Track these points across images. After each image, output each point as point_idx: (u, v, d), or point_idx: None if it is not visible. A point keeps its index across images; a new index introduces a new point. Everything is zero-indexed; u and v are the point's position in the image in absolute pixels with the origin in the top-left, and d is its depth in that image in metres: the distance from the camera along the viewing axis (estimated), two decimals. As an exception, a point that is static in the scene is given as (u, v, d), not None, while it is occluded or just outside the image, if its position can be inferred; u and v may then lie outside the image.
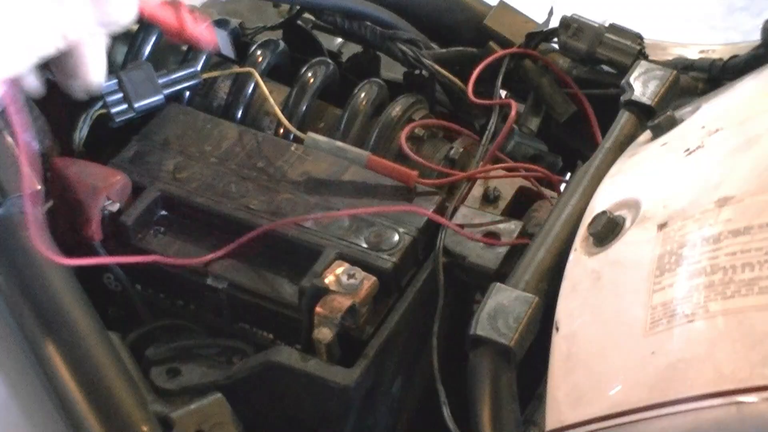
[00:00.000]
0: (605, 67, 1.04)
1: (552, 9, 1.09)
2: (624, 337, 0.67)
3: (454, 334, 0.84)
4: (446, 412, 0.77)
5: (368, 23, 1.09)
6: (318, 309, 0.80)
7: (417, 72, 1.09)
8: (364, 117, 1.02)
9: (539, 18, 1.09)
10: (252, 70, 1.01)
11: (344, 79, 1.10)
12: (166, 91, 0.97)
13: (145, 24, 1.06)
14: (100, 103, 0.94)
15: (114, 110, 0.94)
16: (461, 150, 0.99)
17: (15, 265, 0.79)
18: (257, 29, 1.12)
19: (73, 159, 0.90)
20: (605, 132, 0.90)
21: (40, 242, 0.76)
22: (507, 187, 0.97)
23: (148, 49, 1.02)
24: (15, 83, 0.73)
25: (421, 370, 0.89)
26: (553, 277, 0.77)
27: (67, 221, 0.87)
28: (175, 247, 0.87)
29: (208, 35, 0.88)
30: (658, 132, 0.83)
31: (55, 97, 0.80)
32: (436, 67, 1.06)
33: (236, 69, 1.03)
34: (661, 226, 0.71)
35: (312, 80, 1.03)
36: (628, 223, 0.74)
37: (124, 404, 0.77)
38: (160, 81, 0.96)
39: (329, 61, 1.08)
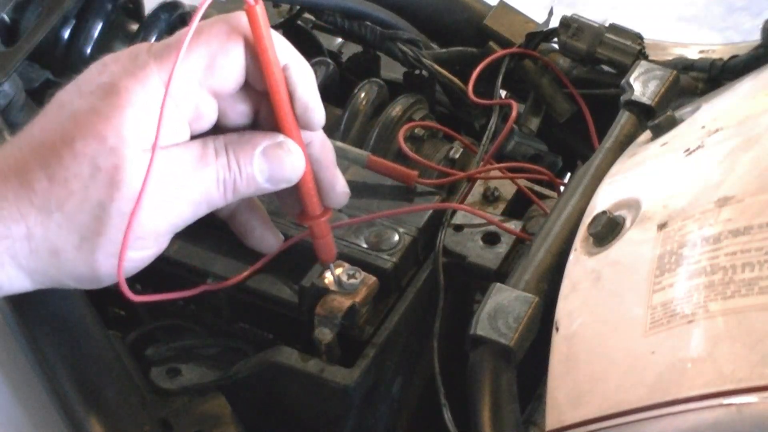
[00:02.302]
0: (605, 67, 1.04)
1: (552, 9, 1.09)
2: (624, 337, 0.67)
3: (454, 334, 0.84)
4: (447, 414, 0.77)
5: (368, 23, 1.09)
6: (318, 309, 0.80)
7: (417, 72, 1.09)
8: (364, 117, 1.02)
9: (539, 18, 1.09)
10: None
11: (344, 79, 1.10)
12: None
13: (145, 24, 1.06)
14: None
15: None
16: (461, 150, 0.99)
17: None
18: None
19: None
20: (605, 132, 0.90)
21: None
22: (507, 187, 0.97)
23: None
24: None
25: (421, 370, 0.89)
26: (553, 277, 0.77)
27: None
28: (175, 246, 0.86)
29: (329, 252, 0.81)
30: (658, 132, 0.83)
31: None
32: (436, 67, 1.06)
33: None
34: (661, 226, 0.71)
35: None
36: (628, 223, 0.74)
37: (124, 404, 0.77)
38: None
39: (329, 61, 1.08)
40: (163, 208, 0.71)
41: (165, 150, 0.71)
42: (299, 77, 0.74)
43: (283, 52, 0.73)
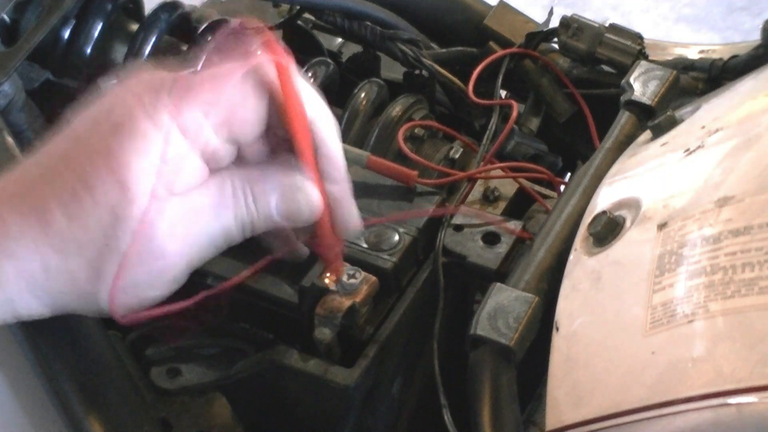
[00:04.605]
0: (605, 67, 1.04)
1: (552, 9, 1.09)
2: (624, 337, 0.67)
3: (454, 334, 0.84)
4: (447, 415, 0.77)
5: (368, 23, 1.09)
6: (318, 309, 0.80)
7: (417, 72, 1.09)
8: (364, 117, 1.02)
9: (539, 18, 1.09)
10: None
11: (344, 79, 1.10)
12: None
13: (145, 24, 1.06)
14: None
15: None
16: (461, 150, 0.99)
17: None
18: (257, 29, 1.12)
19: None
20: (605, 132, 0.90)
21: None
22: (507, 187, 0.97)
23: (148, 49, 1.02)
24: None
25: (421, 370, 0.89)
26: (553, 277, 0.77)
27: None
28: (175, 247, 0.87)
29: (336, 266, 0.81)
30: (658, 132, 0.83)
31: (55, 97, 0.80)
32: (436, 67, 1.06)
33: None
34: (661, 226, 0.71)
35: (312, 80, 1.03)
36: (628, 223, 0.74)
37: (124, 404, 0.77)
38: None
39: (329, 61, 1.08)
40: (185, 250, 0.72)
41: (183, 196, 0.71)
42: (325, 134, 0.75)
43: (309, 106, 0.74)
